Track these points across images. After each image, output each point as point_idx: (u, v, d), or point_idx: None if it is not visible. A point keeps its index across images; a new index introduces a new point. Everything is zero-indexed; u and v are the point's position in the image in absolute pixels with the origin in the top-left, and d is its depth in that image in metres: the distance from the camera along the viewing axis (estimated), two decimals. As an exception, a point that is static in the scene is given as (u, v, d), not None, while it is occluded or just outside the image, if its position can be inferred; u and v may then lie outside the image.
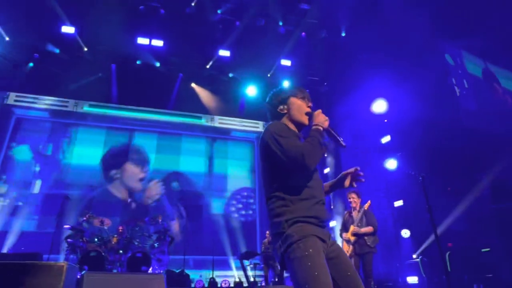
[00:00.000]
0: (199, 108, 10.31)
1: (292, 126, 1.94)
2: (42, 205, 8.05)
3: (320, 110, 1.92)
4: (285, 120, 1.96)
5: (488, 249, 6.74)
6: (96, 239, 6.25)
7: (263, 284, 7.49)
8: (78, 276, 3.57)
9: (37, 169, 8.43)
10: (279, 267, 6.48)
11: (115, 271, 5.96)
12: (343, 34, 9.01)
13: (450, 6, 7.08)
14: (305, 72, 9.99)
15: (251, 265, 7.48)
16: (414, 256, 7.33)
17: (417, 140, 7.30)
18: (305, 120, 1.94)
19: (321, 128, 1.85)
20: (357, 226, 5.00)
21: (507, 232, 6.84)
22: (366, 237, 4.94)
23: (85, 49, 8.80)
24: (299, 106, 1.95)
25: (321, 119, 1.88)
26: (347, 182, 2.03)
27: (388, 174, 7.85)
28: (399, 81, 7.86)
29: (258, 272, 7.50)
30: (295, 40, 9.29)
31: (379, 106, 8.32)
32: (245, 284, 7.35)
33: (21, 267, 2.17)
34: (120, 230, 6.63)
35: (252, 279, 7.31)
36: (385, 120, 8.31)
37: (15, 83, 9.00)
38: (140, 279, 2.89)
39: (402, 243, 7.84)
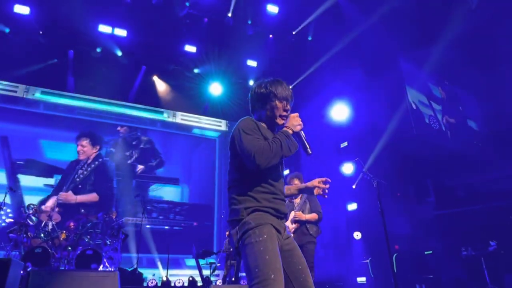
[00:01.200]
0: (161, 102, 10.05)
1: (263, 124, 2.01)
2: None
3: (297, 114, 2.00)
4: (260, 115, 2.07)
5: (430, 252, 7.25)
6: (42, 235, 5.89)
7: (218, 283, 7.47)
8: (22, 273, 3.33)
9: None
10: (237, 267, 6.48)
11: (62, 268, 5.65)
12: (310, 38, 9.23)
13: (412, 20, 7.52)
14: (271, 74, 10.01)
15: (207, 264, 7.42)
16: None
17: (372, 146, 7.67)
18: (279, 121, 2.02)
19: (291, 131, 1.92)
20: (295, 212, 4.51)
21: (448, 236, 7.41)
22: (308, 225, 4.49)
23: (40, 32, 8.23)
24: (278, 109, 2.00)
25: (294, 123, 1.95)
26: (316, 191, 2.18)
27: (344, 178, 8.16)
28: (359, 88, 8.23)
29: (215, 272, 7.47)
30: (263, 42, 9.37)
31: (340, 111, 8.64)
32: (199, 283, 7.28)
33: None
34: (71, 226, 6.29)
35: (207, 278, 7.26)
36: (345, 126, 8.64)
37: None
38: (93, 277, 2.76)
39: (353, 245, 8.19)
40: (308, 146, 1.96)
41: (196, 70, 9.78)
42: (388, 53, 7.96)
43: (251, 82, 10.06)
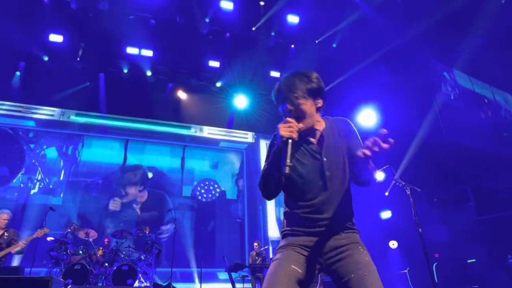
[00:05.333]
0: (188, 118, 10.27)
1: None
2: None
3: (287, 119, 1.64)
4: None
5: (473, 260, 6.84)
6: (80, 252, 6.10)
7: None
8: (62, 291, 3.46)
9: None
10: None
11: (100, 284, 5.82)
12: (334, 46, 9.17)
13: (440, 23, 7.31)
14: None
15: (240, 277, 7.39)
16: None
17: (403, 151, 7.43)
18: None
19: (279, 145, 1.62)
20: None
21: (492, 243, 6.97)
22: None
23: (78, 58, 8.68)
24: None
25: (280, 132, 1.60)
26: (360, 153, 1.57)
27: (375, 186, 7.93)
28: (387, 92, 8.04)
29: (246, 285, 7.41)
30: (285, 52, 9.42)
31: (367, 116, 8.47)
32: (234, 297, 7.24)
33: (5, 282, 2.10)
34: (106, 242, 6.49)
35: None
36: (374, 132, 8.44)
37: (0, 91, 8.82)
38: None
39: (390, 255, 7.90)
40: (286, 163, 1.52)
41: (219, 84, 9.95)
42: (416, 54, 7.76)
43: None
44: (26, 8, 7.74)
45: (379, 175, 7.94)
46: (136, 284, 5.87)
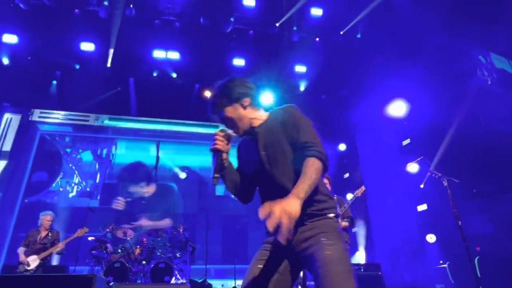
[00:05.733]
0: (216, 117, 10.38)
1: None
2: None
3: (214, 133, 1.80)
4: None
5: (519, 253, 6.47)
6: (119, 250, 6.35)
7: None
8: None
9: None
10: (301, 275, 6.40)
11: (139, 281, 6.03)
12: (359, 36, 8.95)
13: (472, 3, 6.95)
14: (321, 77, 9.98)
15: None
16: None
17: (438, 142, 7.14)
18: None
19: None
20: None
21: (539, 234, 6.57)
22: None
23: (108, 64, 9.01)
24: None
25: (210, 146, 1.80)
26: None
27: (409, 178, 7.69)
28: (419, 81, 7.73)
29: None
30: (309, 46, 9.31)
31: (398, 108, 8.21)
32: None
33: (54, 279, 2.23)
34: (144, 241, 6.71)
35: None
36: (405, 123, 8.18)
37: (38, 100, 9.34)
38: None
39: (427, 249, 7.63)
40: (214, 175, 1.66)
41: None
42: (447, 39, 7.41)
43: (301, 88, 10.01)
44: (59, 20, 8.10)
45: (413, 167, 7.69)
46: (173, 281, 6.03)
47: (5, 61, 8.51)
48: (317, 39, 9.22)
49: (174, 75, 9.52)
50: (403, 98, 8.17)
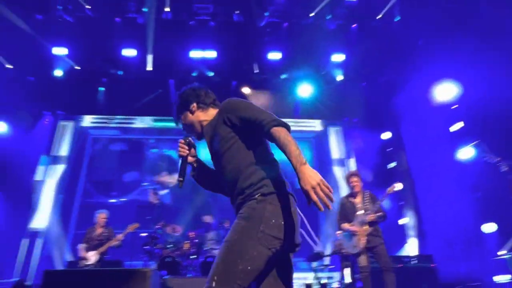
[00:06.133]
0: (255, 112, 10.44)
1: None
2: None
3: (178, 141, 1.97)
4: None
5: None
6: (170, 246, 6.62)
7: (335, 286, 7.32)
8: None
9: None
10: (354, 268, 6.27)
11: (189, 275, 6.25)
12: (398, 19, 8.54)
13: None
14: (360, 64, 9.65)
15: (322, 267, 7.35)
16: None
17: (494, 124, 6.63)
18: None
19: None
20: (367, 213, 4.32)
21: None
22: (376, 226, 4.39)
23: (148, 68, 9.35)
24: None
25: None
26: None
27: (462, 164, 7.24)
28: (468, 60, 7.19)
29: (328, 274, 7.35)
30: (346, 33, 9.04)
31: (446, 90, 7.72)
32: (316, 287, 7.24)
33: (114, 273, 2.38)
34: (192, 236, 6.94)
35: (323, 281, 7.18)
36: (455, 106, 7.68)
37: (88, 106, 9.95)
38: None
39: (485, 239, 7.16)
40: (178, 178, 1.90)
41: (281, 75, 9.92)
42: (502, 12, 6.80)
43: (339, 77, 9.75)
44: (101, 29, 8.54)
45: (466, 153, 7.22)
46: (222, 274, 6.18)
47: (57, 72, 9.14)
48: (354, 25, 8.92)
49: (211, 73, 9.67)
50: (452, 79, 7.66)
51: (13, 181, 8.85)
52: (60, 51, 8.68)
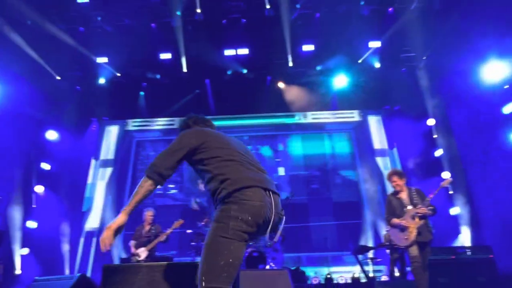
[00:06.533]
0: (291, 106, 10.38)
1: None
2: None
3: None
4: None
5: None
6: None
7: (382, 279, 7.12)
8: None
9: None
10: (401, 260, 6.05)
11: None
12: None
13: None
14: (398, 49, 9.25)
15: (368, 260, 7.17)
16: None
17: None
18: None
19: None
20: (418, 208, 4.26)
21: None
22: (427, 221, 4.30)
23: (184, 70, 9.59)
24: None
25: None
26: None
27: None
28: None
29: (376, 267, 7.15)
30: (382, 18, 8.69)
31: (495, 70, 7.18)
32: (363, 280, 7.07)
33: (165, 267, 2.48)
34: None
35: (370, 275, 7.00)
36: (506, 86, 7.13)
37: (131, 111, 10.41)
38: (267, 275, 3.04)
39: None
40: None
41: (317, 67, 9.75)
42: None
43: (377, 65, 9.41)
44: (138, 35, 8.87)
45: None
46: (267, 268, 6.23)
47: (101, 80, 9.65)
48: (390, 9, 8.55)
49: (245, 71, 9.73)
50: (501, 57, 7.11)
51: (68, 185, 9.51)
52: (102, 60, 9.14)
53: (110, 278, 2.49)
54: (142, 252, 6.04)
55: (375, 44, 9.00)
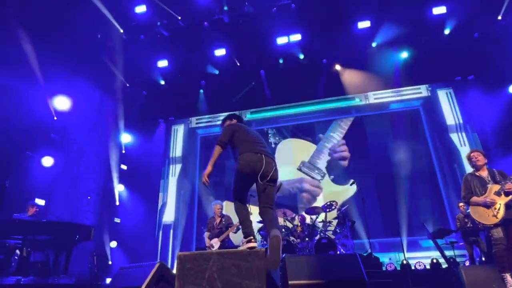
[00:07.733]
0: (350, 89, 9.99)
1: None
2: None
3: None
4: None
5: None
6: (283, 230, 6.83)
7: (467, 264, 6.57)
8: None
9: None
10: (485, 243, 5.56)
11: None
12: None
13: None
14: (468, 12, 8.32)
15: (448, 244, 6.68)
16: None
17: None
18: None
19: None
20: (503, 184, 3.94)
21: None
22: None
23: (238, 64, 9.76)
24: None
25: None
26: None
27: None
28: None
29: (457, 252, 6.62)
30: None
31: None
32: (444, 265, 6.61)
33: (237, 253, 2.58)
34: (300, 219, 7.03)
35: (453, 260, 6.51)
36: None
37: (193, 108, 10.91)
38: (337, 258, 2.99)
39: None
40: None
41: (374, 44, 9.21)
42: None
43: (446, 31, 8.59)
44: (194, 35, 9.20)
45: None
46: (338, 255, 6.12)
47: (163, 82, 10.25)
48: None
49: (302, 56, 9.56)
50: None
51: (143, 183, 10.33)
52: (162, 63, 9.67)
53: (184, 265, 2.69)
54: (216, 243, 6.32)
55: (439, 9, 8.22)
